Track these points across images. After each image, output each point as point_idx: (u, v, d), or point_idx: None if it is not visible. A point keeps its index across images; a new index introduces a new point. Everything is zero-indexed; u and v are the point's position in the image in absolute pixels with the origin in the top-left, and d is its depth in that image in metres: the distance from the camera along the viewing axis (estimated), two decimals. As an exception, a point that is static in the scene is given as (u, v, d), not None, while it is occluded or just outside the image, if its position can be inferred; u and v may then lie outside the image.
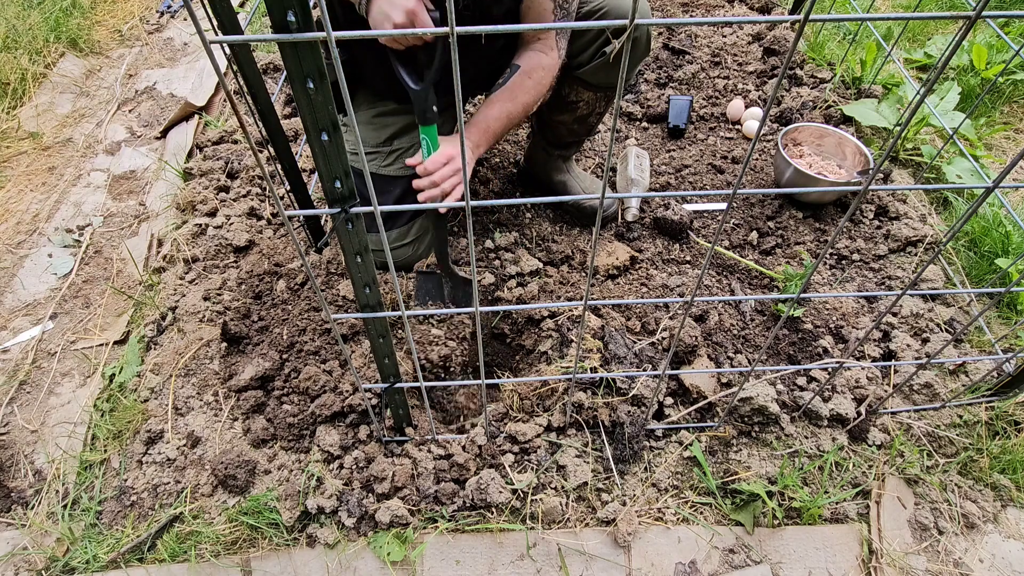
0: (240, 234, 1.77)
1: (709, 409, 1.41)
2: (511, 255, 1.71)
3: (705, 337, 1.52)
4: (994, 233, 1.75)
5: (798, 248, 1.75)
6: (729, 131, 2.14)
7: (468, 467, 1.30)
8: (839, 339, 1.55)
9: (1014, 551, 1.27)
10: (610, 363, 1.43)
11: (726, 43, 2.45)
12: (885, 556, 1.24)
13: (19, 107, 2.30)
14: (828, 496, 1.30)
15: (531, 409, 1.41)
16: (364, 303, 0.97)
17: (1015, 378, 1.37)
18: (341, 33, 0.57)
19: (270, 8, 0.62)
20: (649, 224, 1.84)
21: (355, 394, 1.39)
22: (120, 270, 1.80)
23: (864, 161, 1.81)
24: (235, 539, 1.27)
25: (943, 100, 2.02)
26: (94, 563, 1.24)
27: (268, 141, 1.37)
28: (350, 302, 1.61)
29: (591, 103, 1.58)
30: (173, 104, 2.33)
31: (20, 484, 1.38)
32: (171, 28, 2.75)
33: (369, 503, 1.27)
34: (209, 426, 1.42)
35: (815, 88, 2.23)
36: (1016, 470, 1.36)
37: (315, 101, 0.69)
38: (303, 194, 1.52)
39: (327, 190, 0.79)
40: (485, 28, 0.59)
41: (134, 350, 1.56)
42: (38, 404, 1.51)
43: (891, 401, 1.44)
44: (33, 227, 1.93)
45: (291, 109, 2.25)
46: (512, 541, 1.26)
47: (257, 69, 1.25)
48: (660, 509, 1.30)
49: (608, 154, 0.67)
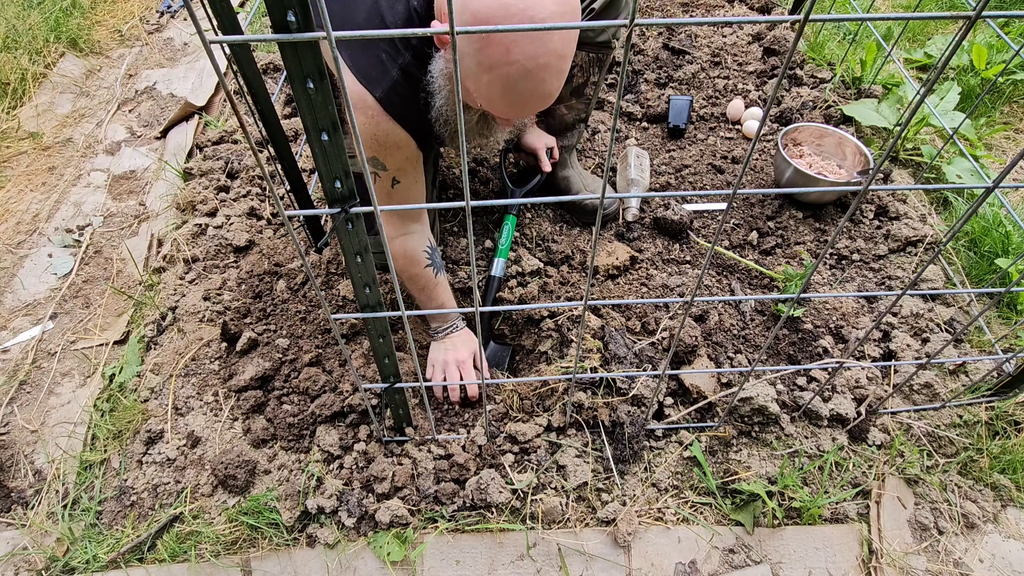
0: (240, 234, 1.77)
1: (709, 409, 1.41)
2: (511, 255, 1.71)
3: (705, 337, 1.52)
4: (994, 233, 1.75)
5: (798, 248, 1.75)
6: (729, 131, 2.14)
7: (468, 467, 1.31)
8: (839, 339, 1.55)
9: (1014, 551, 1.28)
10: (610, 363, 1.43)
11: (726, 43, 2.45)
12: (885, 556, 1.24)
13: (19, 107, 2.30)
14: (828, 496, 1.30)
15: (531, 409, 1.41)
16: (364, 303, 0.97)
17: (1015, 378, 1.37)
18: (341, 33, 0.57)
19: (270, 8, 0.62)
20: (649, 224, 1.84)
21: (355, 394, 1.39)
22: (120, 270, 1.80)
23: (864, 161, 1.81)
24: (235, 539, 1.27)
25: (943, 100, 2.02)
26: (94, 563, 1.24)
27: (268, 141, 1.37)
28: (350, 302, 1.61)
29: (584, 67, 1.58)
30: (173, 104, 2.33)
31: (20, 484, 1.38)
32: (171, 28, 2.75)
33: (369, 503, 1.27)
34: (209, 426, 1.42)
35: (815, 88, 2.23)
36: (1016, 470, 1.36)
37: (315, 101, 0.69)
38: (303, 194, 1.52)
39: (327, 190, 0.79)
40: (486, 28, 0.59)
41: (134, 350, 1.56)
42: (38, 404, 1.51)
43: (891, 401, 1.44)
44: (33, 227, 1.93)
45: (291, 109, 2.25)
46: (512, 541, 1.26)
47: (257, 69, 1.25)
48: (660, 509, 1.30)
49: (608, 154, 0.67)
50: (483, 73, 0.98)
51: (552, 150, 1.73)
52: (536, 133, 1.73)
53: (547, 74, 0.98)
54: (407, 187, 1.27)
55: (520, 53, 0.93)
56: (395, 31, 0.58)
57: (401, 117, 1.16)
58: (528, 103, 1.04)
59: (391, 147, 1.19)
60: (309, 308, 1.59)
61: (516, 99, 1.01)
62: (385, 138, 1.17)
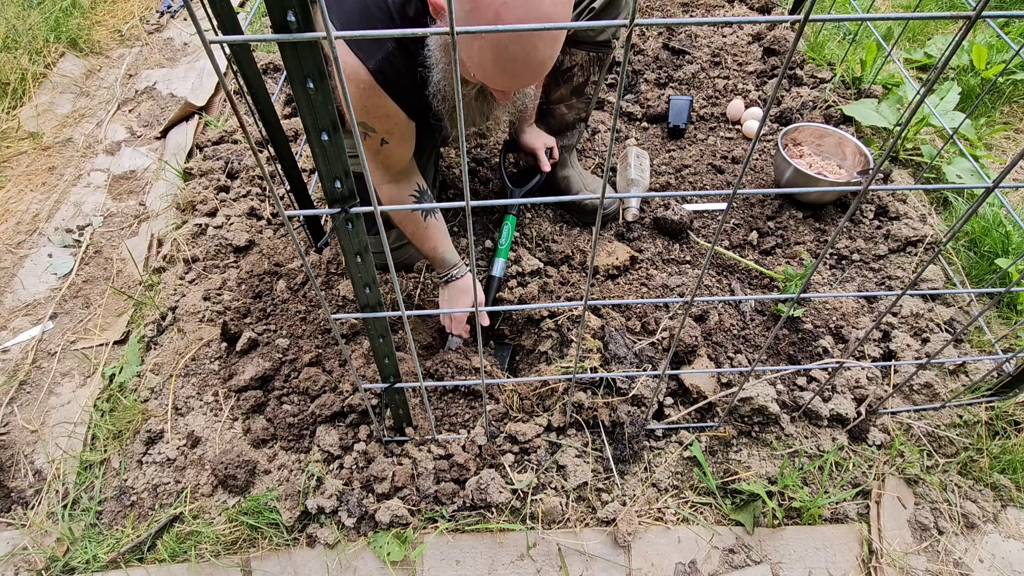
0: (240, 234, 1.77)
1: (709, 409, 1.41)
2: (511, 255, 1.71)
3: (705, 337, 1.52)
4: (994, 233, 1.75)
5: (798, 248, 1.75)
6: (729, 131, 2.14)
7: (468, 467, 1.31)
8: (839, 339, 1.55)
9: (1014, 551, 1.27)
10: (610, 363, 1.43)
11: (726, 43, 2.45)
12: (885, 556, 1.24)
13: (19, 107, 2.30)
14: (828, 496, 1.30)
15: (531, 409, 1.41)
16: (364, 303, 0.97)
17: (1015, 378, 1.37)
18: (341, 33, 0.57)
19: (270, 8, 0.62)
20: (649, 224, 1.84)
21: (355, 394, 1.39)
22: (120, 270, 1.80)
23: (864, 161, 1.81)
24: (235, 539, 1.27)
25: (943, 100, 2.02)
26: (94, 563, 1.24)
27: (268, 141, 1.37)
28: (350, 302, 1.61)
29: (584, 67, 1.58)
30: (173, 104, 2.33)
31: (20, 484, 1.38)
32: (171, 28, 2.75)
33: (369, 503, 1.27)
34: (209, 426, 1.42)
35: (815, 88, 2.23)
36: (1016, 470, 1.36)
37: (315, 101, 0.69)
38: (303, 194, 1.52)
39: (327, 190, 0.79)
40: (486, 28, 0.59)
41: (134, 350, 1.56)
42: (38, 404, 1.51)
43: (891, 401, 1.44)
44: (33, 227, 1.93)
45: (291, 109, 2.25)
46: (512, 541, 1.26)
47: (257, 69, 1.25)
48: (660, 509, 1.30)
49: (608, 154, 0.67)
50: (474, 39, 0.97)
51: (552, 150, 1.74)
52: (535, 133, 1.73)
53: (538, 40, 0.98)
54: (394, 147, 1.30)
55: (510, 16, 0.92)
56: (395, 31, 0.58)
57: (393, 89, 1.17)
58: (521, 71, 1.02)
59: (380, 117, 1.21)
60: (309, 308, 1.59)
61: (508, 65, 1.00)
62: (375, 109, 1.19)
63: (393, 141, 1.28)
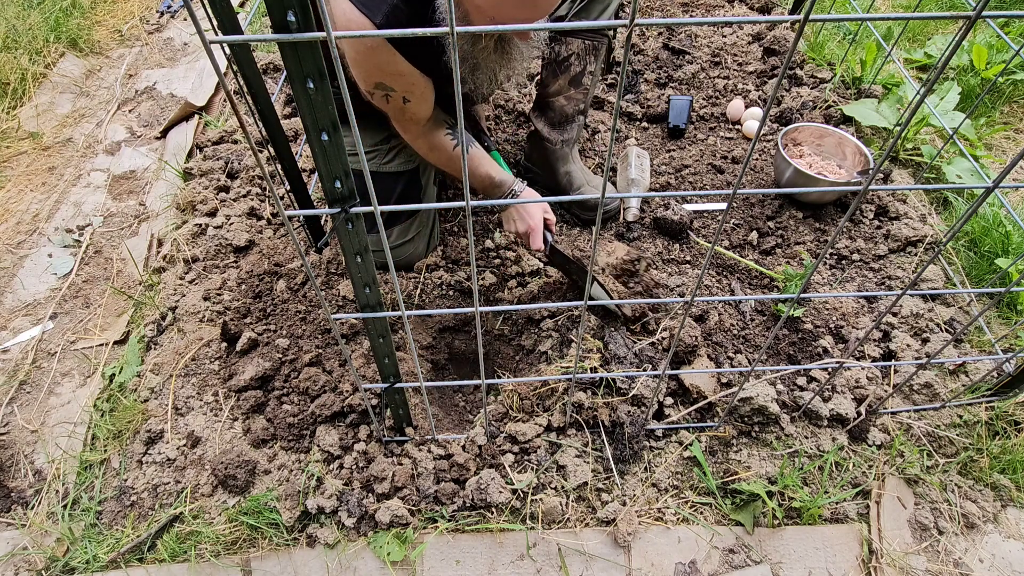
0: (240, 234, 1.77)
1: (709, 409, 1.41)
2: (511, 255, 1.71)
3: (705, 337, 1.52)
4: (994, 233, 1.75)
5: (798, 248, 1.75)
6: (729, 131, 2.14)
7: (468, 467, 1.31)
8: (839, 339, 1.55)
9: (1014, 551, 1.28)
10: (610, 363, 1.43)
11: (726, 43, 2.45)
12: (885, 556, 1.24)
13: (19, 107, 2.30)
14: (828, 496, 1.30)
15: (531, 409, 1.41)
16: (364, 303, 0.97)
17: (1015, 378, 1.37)
18: (341, 33, 0.57)
19: (270, 8, 0.62)
20: (649, 224, 1.84)
21: (355, 394, 1.39)
22: (120, 270, 1.80)
23: (864, 161, 1.81)
24: (235, 539, 1.27)
25: (943, 100, 2.02)
26: (94, 563, 1.24)
27: (268, 141, 1.37)
28: (350, 302, 1.61)
29: (581, 55, 1.59)
30: (173, 104, 2.33)
31: (20, 484, 1.38)
32: (171, 28, 2.75)
33: (369, 503, 1.27)
34: (209, 426, 1.42)
35: (815, 88, 2.23)
36: (1016, 470, 1.36)
37: (315, 101, 0.69)
38: (303, 194, 1.52)
39: (327, 190, 0.79)
40: (486, 28, 0.59)
41: (134, 350, 1.56)
42: (38, 404, 1.51)
43: (891, 401, 1.44)
44: (33, 227, 1.93)
45: (291, 109, 2.25)
46: (512, 541, 1.26)
47: (257, 69, 1.25)
48: (660, 509, 1.30)
49: (608, 154, 0.67)
50: None
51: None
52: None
53: None
54: (417, 103, 1.29)
55: None
56: (394, 31, 0.58)
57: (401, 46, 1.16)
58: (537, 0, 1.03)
59: (394, 75, 1.20)
60: (309, 308, 1.59)
61: None
62: (387, 66, 1.18)
63: (414, 99, 1.27)
